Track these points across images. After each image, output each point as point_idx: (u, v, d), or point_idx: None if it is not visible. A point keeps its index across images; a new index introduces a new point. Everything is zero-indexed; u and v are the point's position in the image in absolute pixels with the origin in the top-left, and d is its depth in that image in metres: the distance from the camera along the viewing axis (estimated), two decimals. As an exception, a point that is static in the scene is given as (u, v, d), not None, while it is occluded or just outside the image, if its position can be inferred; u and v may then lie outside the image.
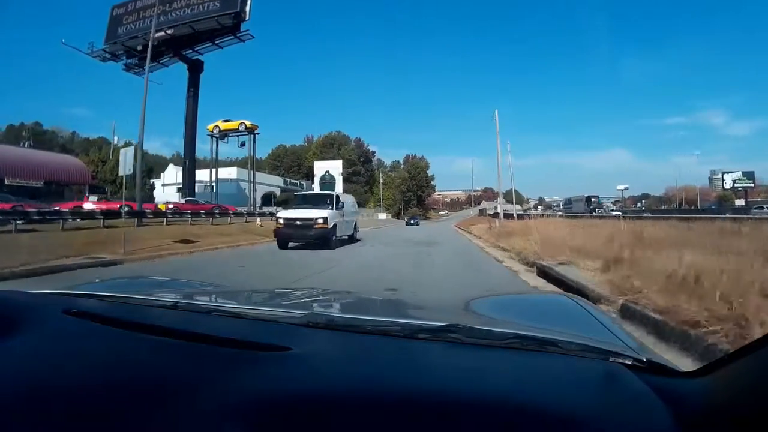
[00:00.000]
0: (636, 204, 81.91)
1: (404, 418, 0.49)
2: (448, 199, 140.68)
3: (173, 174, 50.72)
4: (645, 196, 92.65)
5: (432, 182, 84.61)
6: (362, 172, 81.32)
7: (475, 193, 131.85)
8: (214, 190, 34.18)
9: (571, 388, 0.56)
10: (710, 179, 70.45)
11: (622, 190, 68.19)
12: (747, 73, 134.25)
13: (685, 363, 2.31)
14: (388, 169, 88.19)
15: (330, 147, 79.47)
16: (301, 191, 43.83)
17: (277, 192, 50.67)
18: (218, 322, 0.81)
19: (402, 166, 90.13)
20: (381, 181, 75.85)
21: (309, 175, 79.57)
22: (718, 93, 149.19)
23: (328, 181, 45.27)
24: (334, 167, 46.43)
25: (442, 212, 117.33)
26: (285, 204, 45.20)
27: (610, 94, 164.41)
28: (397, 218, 72.82)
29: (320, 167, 47.28)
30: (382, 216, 67.10)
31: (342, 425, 0.49)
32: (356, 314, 0.82)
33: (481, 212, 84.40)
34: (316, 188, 45.95)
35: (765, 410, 0.43)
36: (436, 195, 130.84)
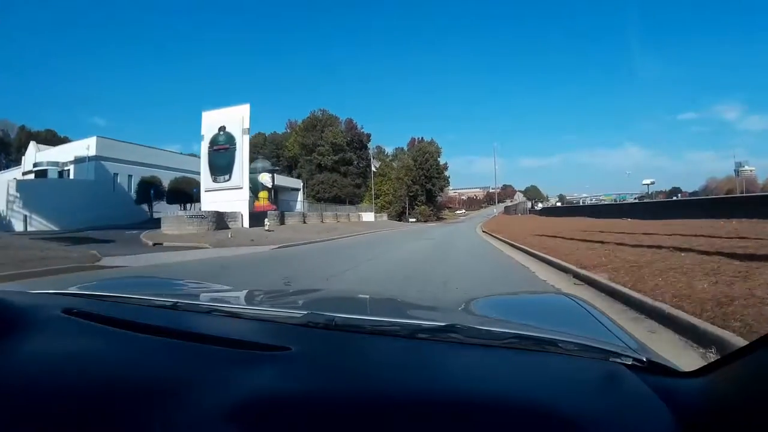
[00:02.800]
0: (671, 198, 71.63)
1: (404, 418, 0.49)
2: (464, 197, 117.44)
3: (41, 156, 30.88)
4: (676, 190, 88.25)
5: (445, 173, 61.08)
6: (353, 161, 58.66)
7: (494, 190, 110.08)
8: None
9: (571, 388, 0.56)
10: (737, 171, 70.71)
11: (648, 184, 64.12)
12: (760, 69, 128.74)
13: None
14: (389, 158, 65.30)
15: (313, 130, 57.02)
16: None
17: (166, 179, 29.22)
18: (218, 322, 0.82)
19: (406, 152, 66.73)
20: (374, 169, 53.00)
21: (290, 166, 56.63)
22: (731, 88, 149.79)
23: (222, 147, 22.56)
24: (235, 119, 23.30)
25: (458, 211, 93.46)
26: (178, 197, 24.48)
27: (623, 91, 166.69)
28: (399, 220, 49.66)
29: (212, 121, 24.11)
30: (369, 217, 42.33)
31: (341, 425, 0.48)
32: (356, 314, 0.82)
33: (507, 210, 61.64)
34: (204, 158, 22.92)
35: (765, 410, 0.43)
36: (451, 192, 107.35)
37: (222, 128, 22.31)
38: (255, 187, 26.08)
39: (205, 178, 22.63)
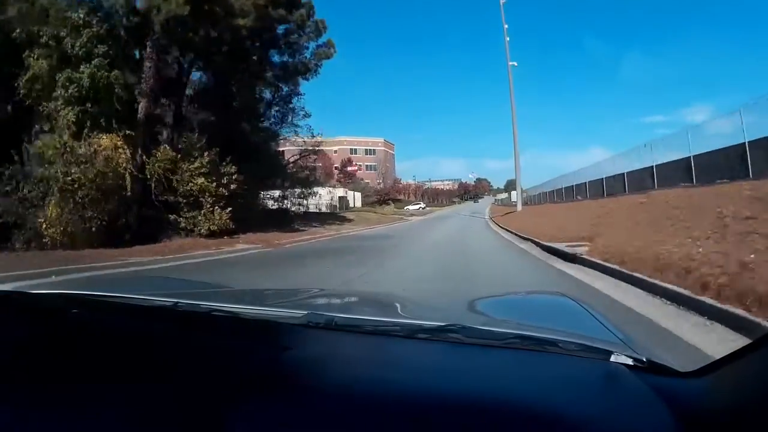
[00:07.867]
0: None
1: (404, 418, 0.49)
2: (426, 187, 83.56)
3: None
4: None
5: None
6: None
7: (467, 183, 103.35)
8: None
9: (572, 388, 0.57)
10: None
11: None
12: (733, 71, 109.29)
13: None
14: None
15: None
16: None
17: None
18: (218, 322, 0.82)
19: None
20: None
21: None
22: (699, 90, 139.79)
23: None
24: None
25: (412, 206, 57.28)
26: None
27: (595, 91, 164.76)
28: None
29: None
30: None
31: (341, 426, 0.48)
32: (356, 314, 0.83)
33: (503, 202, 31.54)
34: None
35: (765, 410, 0.43)
36: (412, 182, 72.24)
37: None
38: None
39: None
